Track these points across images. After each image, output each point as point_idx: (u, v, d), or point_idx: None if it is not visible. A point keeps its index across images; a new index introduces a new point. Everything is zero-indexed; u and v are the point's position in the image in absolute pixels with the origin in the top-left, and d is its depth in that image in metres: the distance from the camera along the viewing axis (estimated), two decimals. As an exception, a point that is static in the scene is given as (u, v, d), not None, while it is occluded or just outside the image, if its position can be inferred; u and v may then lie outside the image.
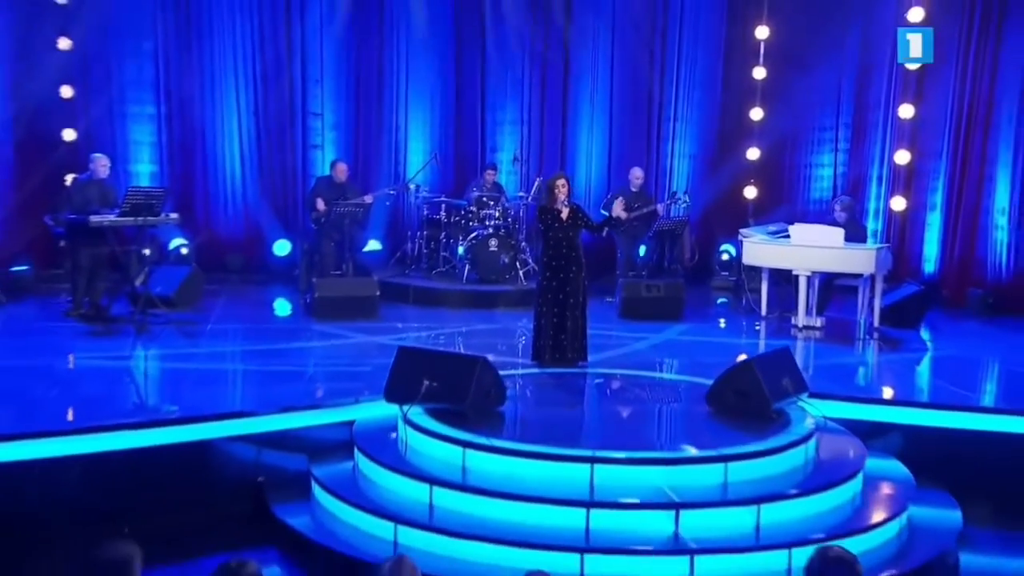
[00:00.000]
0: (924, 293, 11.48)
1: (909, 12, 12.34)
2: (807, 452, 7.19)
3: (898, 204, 12.82)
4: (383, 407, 7.55)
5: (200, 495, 7.05)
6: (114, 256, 10.33)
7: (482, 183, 12.89)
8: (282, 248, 13.27)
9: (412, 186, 13.39)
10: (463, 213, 12.56)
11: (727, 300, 12.81)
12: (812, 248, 10.69)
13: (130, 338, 9.84)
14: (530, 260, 12.18)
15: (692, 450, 6.92)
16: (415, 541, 6.25)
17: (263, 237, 13.39)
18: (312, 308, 10.94)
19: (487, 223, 12.30)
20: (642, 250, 13.04)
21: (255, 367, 9.41)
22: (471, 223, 12.43)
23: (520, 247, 12.34)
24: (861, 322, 10.79)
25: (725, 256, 13.50)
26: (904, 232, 12.87)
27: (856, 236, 10.80)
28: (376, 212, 13.23)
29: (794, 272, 10.77)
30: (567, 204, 8.87)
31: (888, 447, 7.98)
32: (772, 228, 11.59)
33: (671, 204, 13.24)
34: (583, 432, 7.67)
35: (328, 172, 12.58)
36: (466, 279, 12.25)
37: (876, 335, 10.53)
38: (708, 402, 7.81)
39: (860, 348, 10.45)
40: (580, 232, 8.98)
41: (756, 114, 13.87)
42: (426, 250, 12.86)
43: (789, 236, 11.00)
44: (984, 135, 11.88)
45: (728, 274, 13.31)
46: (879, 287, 10.69)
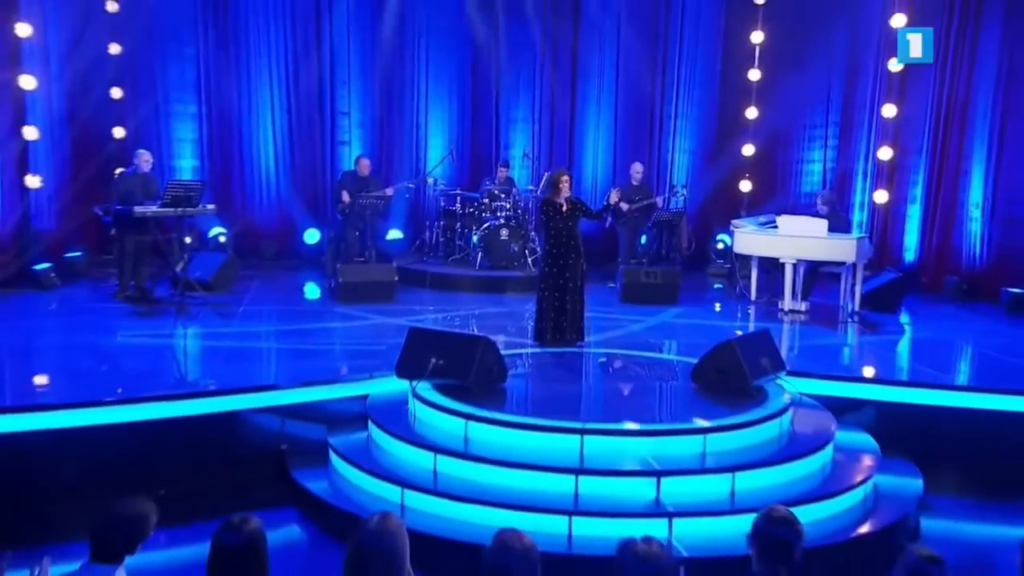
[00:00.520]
0: (902, 280, 11.46)
1: (892, 18, 12.31)
2: (781, 425, 7.22)
3: (881, 197, 12.77)
4: (395, 382, 7.59)
5: (229, 461, 7.14)
6: (157, 243, 10.39)
7: (496, 178, 12.91)
8: (311, 236, 13.31)
9: (431, 180, 13.43)
10: (477, 205, 12.57)
11: (722, 286, 12.73)
12: (797, 238, 10.67)
13: (171, 318, 9.93)
14: (538, 249, 12.13)
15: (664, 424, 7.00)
16: (420, 504, 6.36)
17: (294, 226, 13.43)
18: (336, 292, 10.98)
19: (499, 214, 12.30)
20: (643, 239, 13.12)
21: (282, 345, 9.43)
22: (484, 214, 12.44)
23: (529, 237, 12.36)
24: (843, 306, 10.75)
25: (720, 245, 13.50)
26: (886, 223, 12.82)
27: (838, 227, 10.73)
28: (397, 203, 13.29)
29: (781, 260, 10.76)
30: (568, 198, 8.92)
31: (860, 421, 8.01)
32: (762, 219, 11.59)
33: (670, 196, 13.30)
34: (576, 406, 7.64)
35: (353, 167, 12.61)
36: (479, 265, 12.27)
37: (857, 319, 10.54)
38: (693, 379, 7.86)
39: (842, 331, 10.39)
40: (579, 223, 8.98)
41: (751, 113, 13.84)
42: (442, 239, 12.87)
43: (777, 227, 10.99)
44: (960, 133, 11.81)
45: (723, 262, 13.28)
46: (859, 274, 10.70)
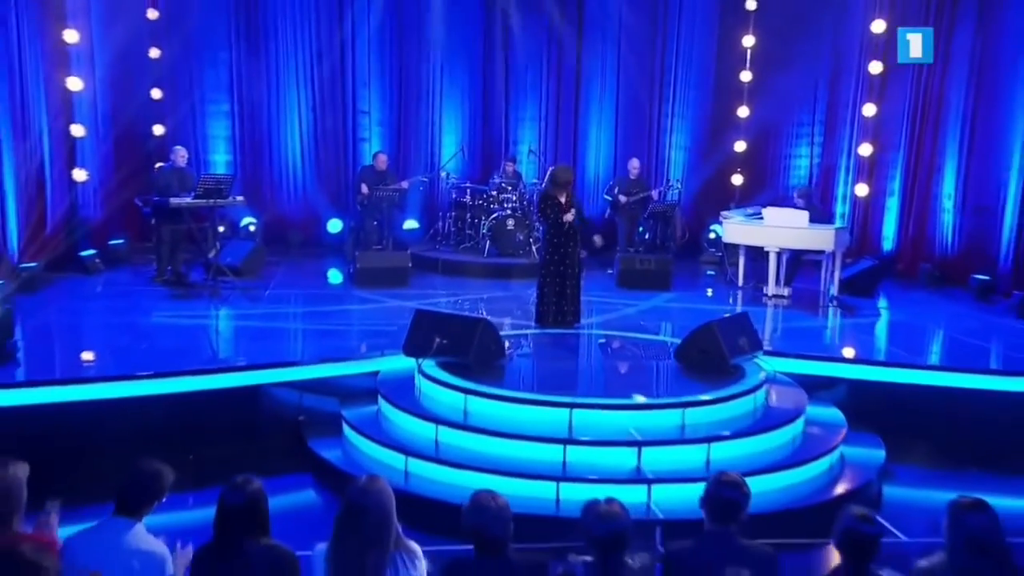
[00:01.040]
0: (879, 267, 11.50)
1: (872, 23, 12.32)
2: (756, 400, 7.30)
3: (862, 190, 12.78)
4: (402, 360, 7.66)
5: (252, 430, 7.26)
6: (191, 232, 10.47)
7: (503, 172, 12.91)
8: (334, 226, 13.34)
9: (444, 173, 13.45)
10: (486, 197, 12.57)
11: (714, 273, 12.68)
12: (781, 228, 10.68)
13: (203, 300, 9.96)
14: (542, 238, 12.23)
15: (640, 398, 7.04)
16: (423, 471, 6.44)
17: (318, 217, 13.48)
18: (354, 277, 11.01)
19: (506, 206, 12.32)
20: (641, 229, 13.10)
21: (303, 325, 9.50)
22: (492, 205, 12.44)
23: (534, 227, 12.26)
24: (823, 291, 10.75)
25: (712, 235, 13.44)
26: (867, 214, 12.82)
27: (816, 218, 10.73)
28: (413, 195, 13.30)
29: (765, 248, 10.78)
30: (568, 195, 8.92)
31: (832, 397, 8.04)
32: (749, 211, 11.55)
33: (665, 190, 13.34)
34: (566, 382, 7.66)
35: (371, 162, 12.64)
36: (487, 253, 12.28)
37: (836, 303, 10.51)
38: (677, 358, 7.93)
39: (822, 314, 10.37)
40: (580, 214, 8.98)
41: (743, 112, 13.81)
42: (454, 228, 12.88)
43: (763, 218, 10.98)
44: (935, 131, 11.77)
45: (715, 250, 13.24)
46: (838, 262, 10.69)
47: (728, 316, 8.30)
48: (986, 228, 11.11)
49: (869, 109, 12.53)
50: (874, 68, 12.41)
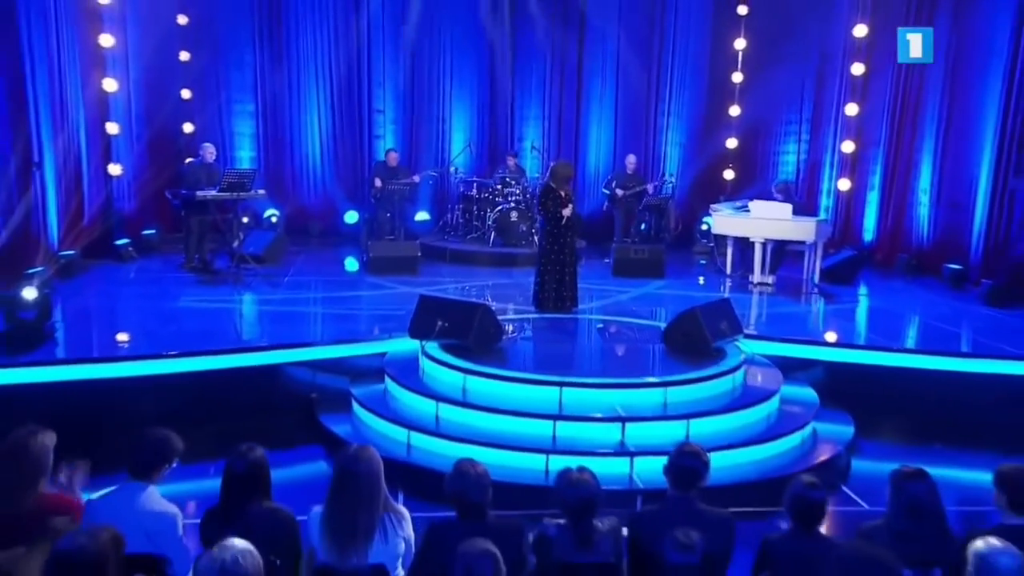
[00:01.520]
0: (858, 257, 11.52)
1: (855, 28, 12.31)
2: (734, 380, 7.33)
3: (844, 185, 12.78)
4: (408, 342, 7.71)
5: (268, 406, 7.29)
6: (216, 223, 10.57)
7: (505, 166, 12.94)
8: (351, 217, 13.36)
9: (452, 168, 13.49)
10: (491, 190, 12.59)
11: (705, 262, 12.67)
12: (765, 220, 10.72)
13: (228, 286, 10.06)
14: (541, 229, 12.19)
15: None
16: (424, 444, 6.50)
17: (336, 209, 13.52)
18: (368, 265, 11.09)
19: (510, 199, 12.35)
20: (643, 225, 13.12)
21: (319, 310, 9.52)
22: (497, 198, 12.46)
23: (536, 219, 12.19)
24: (806, 280, 10.73)
25: (705, 226, 13.35)
26: (849, 207, 12.82)
27: (797, 211, 10.83)
28: (423, 189, 13.37)
29: (751, 239, 10.82)
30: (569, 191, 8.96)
31: (810, 378, 8.06)
32: (738, 204, 11.58)
33: (660, 184, 13.38)
34: (559, 363, 7.63)
35: (383, 158, 12.72)
36: (492, 243, 12.31)
37: (817, 290, 10.54)
38: (663, 341, 7.94)
39: (803, 300, 10.38)
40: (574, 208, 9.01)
41: (734, 110, 13.83)
42: (461, 220, 12.90)
43: (749, 211, 11.04)
44: (912, 130, 11.74)
45: (707, 241, 13.10)
46: (819, 251, 10.71)
47: (710, 301, 8.30)
48: (959, 221, 11.09)
49: (852, 108, 12.54)
50: (856, 70, 12.41)
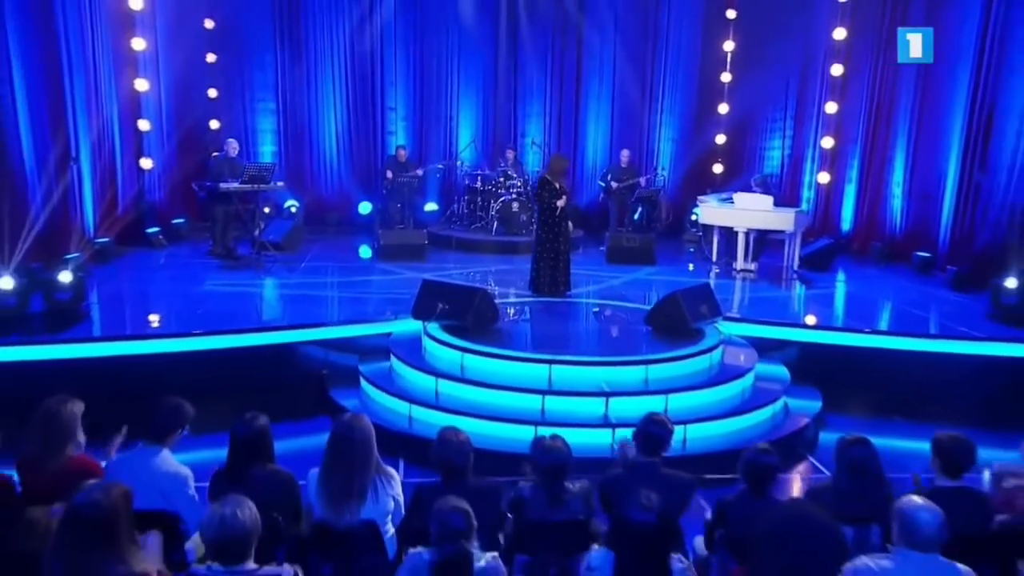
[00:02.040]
0: (834, 245, 11.55)
1: (835, 31, 12.31)
2: (712, 358, 7.41)
3: (824, 178, 12.82)
4: (411, 323, 7.81)
5: (284, 381, 7.38)
6: (239, 212, 10.62)
7: (506, 160, 12.93)
8: (365, 208, 13.39)
9: (459, 162, 13.52)
10: (494, 183, 12.62)
11: (694, 250, 12.65)
12: (748, 211, 10.76)
13: (250, 271, 10.16)
14: (537, 218, 12.14)
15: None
16: (424, 416, 6.59)
17: (351, 200, 13.55)
18: (379, 252, 11.18)
19: (511, 190, 12.37)
20: (637, 215, 13.11)
21: (332, 293, 9.62)
22: (500, 190, 12.48)
23: (535, 209, 12.42)
24: (786, 266, 10.81)
25: (694, 217, 13.36)
26: (828, 199, 12.85)
27: (777, 204, 10.88)
28: (432, 181, 13.46)
29: (735, 228, 10.86)
30: (563, 181, 9.02)
31: (784, 357, 8.11)
32: (723, 196, 11.61)
33: (652, 177, 13.43)
34: (550, 342, 7.69)
35: (393, 153, 12.79)
36: (495, 232, 12.34)
37: (796, 276, 10.60)
38: (647, 322, 8.01)
39: (783, 286, 10.44)
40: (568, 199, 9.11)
41: (723, 108, 13.87)
42: (467, 210, 12.92)
43: (734, 202, 11.09)
44: (887, 127, 11.73)
45: (696, 230, 13.02)
46: (798, 240, 10.79)
47: (692, 287, 8.35)
48: (928, 213, 11.10)
49: (831, 107, 12.57)
50: (836, 71, 12.44)
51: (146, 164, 11.66)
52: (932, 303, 9.63)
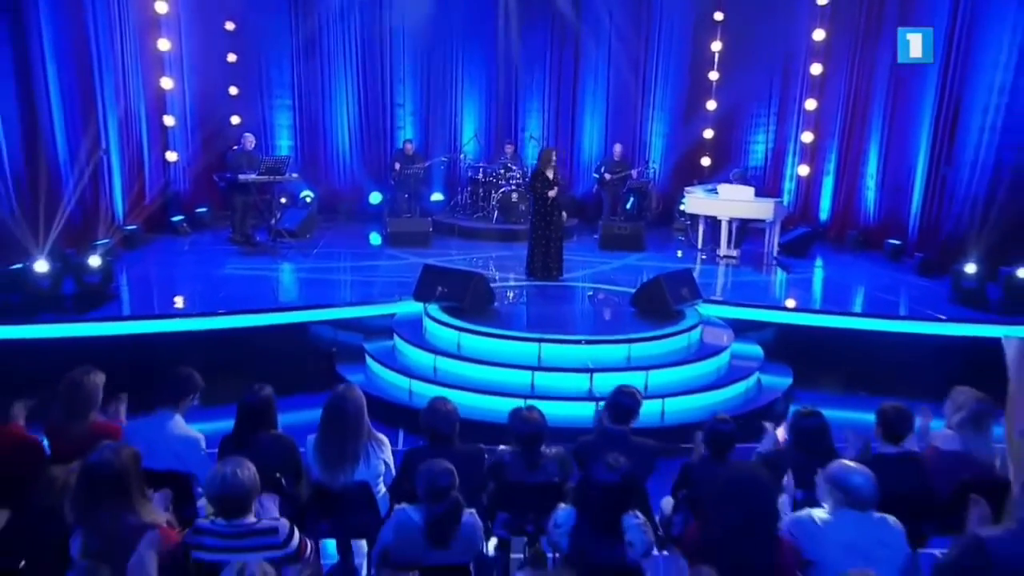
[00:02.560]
0: (811, 233, 11.56)
1: (814, 32, 12.30)
2: (690, 337, 7.51)
3: (804, 170, 12.81)
4: (413, 304, 7.92)
5: (296, 357, 7.51)
6: (256, 202, 10.69)
7: (505, 153, 12.97)
8: (375, 198, 13.44)
9: (462, 155, 13.55)
10: (495, 175, 12.64)
11: (684, 238, 12.55)
12: (731, 201, 10.81)
13: (267, 256, 10.24)
14: (531, 207, 12.10)
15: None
16: (423, 390, 6.71)
17: (362, 190, 13.57)
18: (386, 239, 11.25)
19: (511, 182, 12.41)
20: (629, 204, 13.19)
21: (342, 277, 9.70)
22: (500, 181, 12.50)
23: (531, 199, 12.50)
24: (766, 253, 10.84)
25: (683, 206, 13.37)
26: (808, 190, 12.84)
27: (757, 192, 10.98)
28: (437, 173, 13.47)
29: (719, 217, 10.92)
30: (555, 173, 9.05)
31: (760, 337, 8.22)
32: (709, 187, 11.65)
33: (644, 169, 13.46)
34: (540, 322, 7.82)
35: (401, 146, 12.83)
36: (495, 220, 12.36)
37: (775, 262, 10.64)
38: (632, 304, 8.12)
39: (763, 271, 10.49)
40: (561, 188, 9.16)
41: (711, 105, 13.78)
42: (469, 200, 12.93)
43: (718, 193, 11.14)
44: (862, 122, 11.71)
45: (685, 219, 12.99)
46: (777, 228, 10.82)
47: (674, 271, 8.42)
48: (899, 203, 11.10)
49: (811, 104, 12.55)
50: (815, 70, 12.42)
51: (171, 157, 11.72)
52: (900, 287, 9.66)
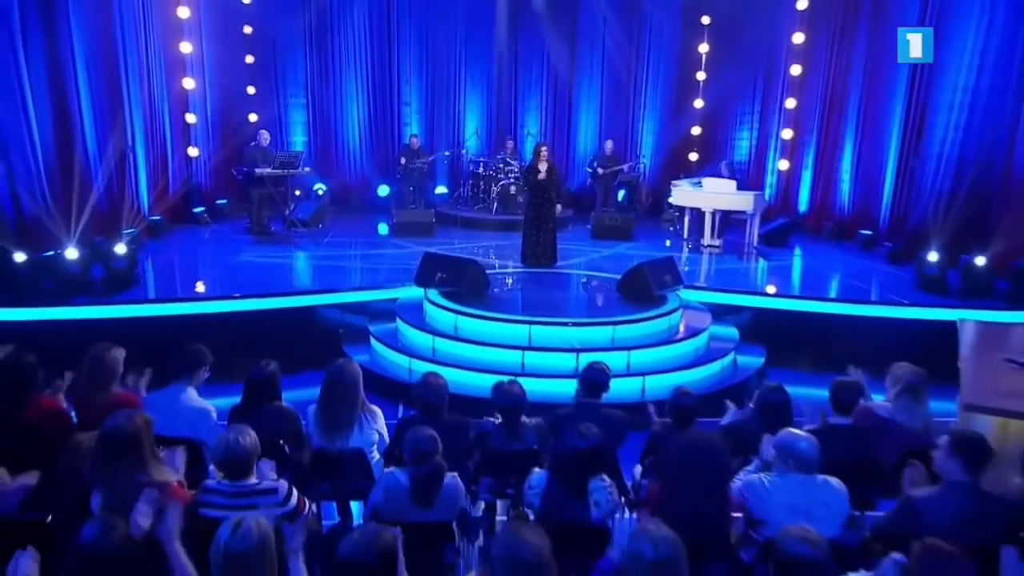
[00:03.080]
0: (790, 224, 11.63)
1: (794, 36, 12.32)
2: (671, 320, 7.58)
3: (784, 165, 12.84)
4: (415, 290, 8.01)
5: (306, 339, 7.60)
6: (272, 195, 10.79)
7: (505, 149, 13.04)
8: (383, 191, 13.50)
9: (464, 150, 13.62)
10: (495, 169, 12.71)
11: (672, 228, 12.59)
12: (714, 194, 10.88)
13: (282, 245, 10.35)
14: (526, 198, 12.08)
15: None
16: (422, 368, 6.60)
17: (371, 183, 13.64)
18: (393, 229, 11.33)
19: (510, 176, 12.46)
20: (620, 195, 13.26)
21: (351, 264, 9.73)
22: (500, 175, 12.57)
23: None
24: (747, 243, 10.90)
25: (671, 199, 13.61)
26: (788, 184, 12.87)
27: (741, 185, 11.03)
28: (441, 167, 13.56)
29: (702, 209, 11.00)
30: (548, 167, 9.12)
31: (738, 320, 8.30)
32: (695, 180, 11.72)
33: (635, 164, 13.52)
34: (531, 306, 7.78)
35: (407, 142, 12.89)
36: (495, 211, 12.39)
37: (756, 251, 10.72)
38: (618, 290, 8.20)
39: (744, 259, 10.55)
40: (553, 182, 9.20)
41: (698, 103, 13.84)
42: (471, 193, 12.99)
43: (702, 186, 11.21)
44: (838, 120, 11.73)
45: (673, 211, 13.18)
46: (757, 219, 10.88)
47: (657, 259, 8.48)
48: (872, 196, 11.15)
49: (791, 102, 12.58)
50: (795, 71, 12.45)
51: (193, 152, 11.82)
52: (871, 275, 9.73)
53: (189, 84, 11.57)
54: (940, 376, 5.21)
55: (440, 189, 13.75)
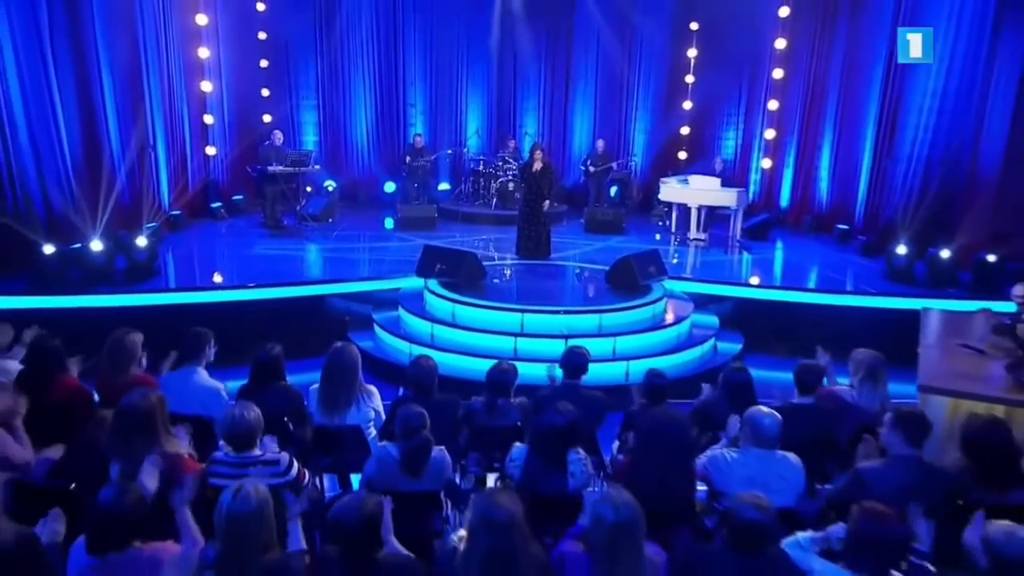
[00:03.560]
0: (771, 219, 11.70)
1: (776, 41, 12.33)
2: (655, 309, 7.67)
3: (767, 163, 12.86)
4: (416, 280, 8.08)
5: (313, 326, 7.61)
6: (284, 191, 10.86)
7: (506, 148, 13.07)
8: (389, 187, 13.51)
9: (465, 149, 13.62)
10: (495, 166, 12.72)
11: (663, 223, 12.54)
12: (699, 190, 10.93)
13: (294, 238, 10.39)
14: (521, 194, 11.95)
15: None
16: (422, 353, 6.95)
17: (378, 180, 13.65)
18: (398, 223, 11.36)
19: (508, 173, 12.47)
20: (613, 191, 13.32)
21: (357, 256, 9.84)
22: (499, 173, 12.59)
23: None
24: (730, 236, 10.91)
25: (660, 195, 13.63)
26: (770, 181, 12.89)
27: (728, 182, 11.09)
28: (443, 165, 13.58)
29: (689, 204, 11.07)
30: (542, 165, 9.18)
31: (719, 309, 8.38)
32: (682, 177, 11.73)
33: (626, 162, 13.56)
34: (523, 295, 7.90)
35: (412, 141, 12.89)
36: (494, 207, 12.38)
37: (739, 245, 10.76)
38: (606, 280, 8.28)
39: (728, 252, 10.58)
40: (547, 180, 9.25)
41: (687, 105, 13.82)
42: (472, 189, 13.00)
43: (688, 183, 11.25)
44: (818, 120, 11.75)
45: (662, 206, 13.18)
46: (740, 214, 10.90)
47: (643, 251, 8.54)
48: (848, 192, 11.19)
49: (773, 104, 12.60)
50: (777, 74, 12.46)
51: (211, 151, 11.86)
52: (845, 267, 9.79)
53: (207, 87, 11.62)
54: (904, 360, 5.33)
55: (443, 186, 13.78)
